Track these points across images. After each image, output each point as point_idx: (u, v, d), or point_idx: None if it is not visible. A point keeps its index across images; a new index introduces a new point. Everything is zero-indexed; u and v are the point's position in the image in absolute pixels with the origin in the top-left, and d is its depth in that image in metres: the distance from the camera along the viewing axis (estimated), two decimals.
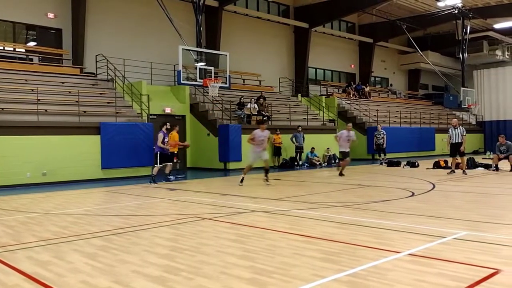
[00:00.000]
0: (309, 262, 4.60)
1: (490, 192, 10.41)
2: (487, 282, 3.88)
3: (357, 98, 29.20)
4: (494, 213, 7.47)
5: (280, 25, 27.17)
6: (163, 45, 20.89)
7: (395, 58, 36.33)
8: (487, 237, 5.61)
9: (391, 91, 35.08)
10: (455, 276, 4.05)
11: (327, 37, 30.06)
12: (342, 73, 32.33)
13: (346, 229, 6.30)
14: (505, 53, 35.62)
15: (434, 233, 5.86)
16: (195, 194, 10.91)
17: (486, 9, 28.50)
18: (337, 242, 5.49)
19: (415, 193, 10.12)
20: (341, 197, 9.83)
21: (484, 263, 4.39)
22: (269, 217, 7.43)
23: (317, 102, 25.23)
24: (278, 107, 22.64)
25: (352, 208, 8.23)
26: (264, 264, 4.54)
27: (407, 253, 4.87)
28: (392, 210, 7.96)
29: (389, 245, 5.24)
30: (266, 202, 9.15)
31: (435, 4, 27.48)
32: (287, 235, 5.93)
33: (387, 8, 28.96)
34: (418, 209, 8.05)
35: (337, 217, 7.18)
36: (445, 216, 7.14)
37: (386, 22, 30.37)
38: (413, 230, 6.11)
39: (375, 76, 34.61)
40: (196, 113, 19.78)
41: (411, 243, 5.31)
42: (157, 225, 6.85)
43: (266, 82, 25.39)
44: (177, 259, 4.81)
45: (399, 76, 37.12)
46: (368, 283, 3.94)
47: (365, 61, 32.59)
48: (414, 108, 32.29)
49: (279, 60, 27.29)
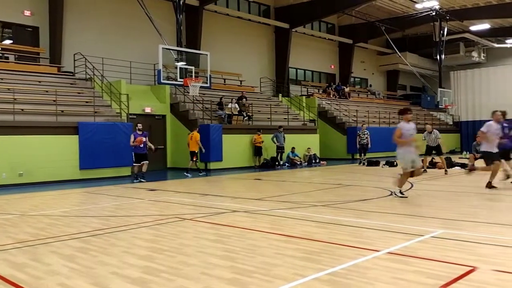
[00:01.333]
0: (289, 261, 4.62)
1: (467, 191, 10.62)
2: (464, 280, 3.96)
3: (337, 98, 29.46)
4: (471, 212, 7.63)
5: (261, 25, 27.21)
6: (143, 44, 20.68)
7: (374, 59, 36.78)
8: (463, 235, 5.72)
9: (370, 91, 35.50)
10: (432, 274, 4.12)
11: (308, 37, 30.24)
12: (322, 74, 32.57)
13: (326, 228, 6.35)
14: (481, 55, 36.44)
15: (412, 231, 5.95)
16: (175, 194, 10.84)
17: (463, 11, 29.09)
18: (317, 241, 5.53)
19: (393, 192, 10.25)
20: (321, 197, 9.89)
21: (460, 261, 4.47)
22: (250, 217, 7.43)
23: (298, 102, 25.35)
24: (259, 107, 22.67)
25: (332, 207, 8.30)
26: (245, 264, 4.54)
27: (386, 251, 4.93)
28: (371, 209, 8.05)
29: (368, 243, 5.30)
30: (246, 202, 9.15)
31: (413, 6, 27.92)
32: (268, 235, 5.94)
33: (367, 9, 29.31)
34: (397, 208, 8.16)
35: (317, 217, 7.23)
36: (423, 215, 7.26)
37: (365, 24, 30.72)
38: (392, 228, 6.20)
39: (355, 77, 34.97)
40: (176, 113, 19.66)
41: (390, 242, 5.38)
42: (137, 226, 6.78)
43: (247, 82, 25.39)
44: (157, 260, 4.77)
45: (378, 76, 37.60)
46: (348, 281, 3.98)
47: (345, 61, 32.90)
48: (393, 109, 32.71)
49: (260, 60, 27.32)
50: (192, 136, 16.18)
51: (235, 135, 19.32)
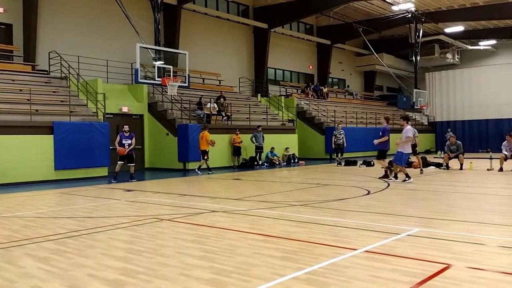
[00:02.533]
0: (268, 261, 4.63)
1: (441, 190, 10.84)
2: (438, 277, 4.04)
3: (315, 98, 29.68)
4: (445, 210, 7.79)
5: (239, 25, 27.19)
6: (120, 42, 20.41)
7: (352, 60, 37.19)
8: (438, 233, 5.84)
9: (348, 92, 35.89)
10: (408, 271, 4.19)
11: (286, 38, 30.37)
12: (301, 74, 32.76)
13: (304, 228, 6.39)
14: (455, 56, 37.23)
15: (389, 230, 6.04)
16: (154, 194, 10.74)
17: (438, 14, 29.67)
18: (296, 240, 5.56)
19: (370, 191, 10.40)
20: (300, 196, 9.95)
21: (436, 259, 4.56)
22: (228, 217, 7.42)
23: (277, 102, 25.44)
24: (238, 107, 22.65)
25: (311, 206, 8.35)
26: (223, 264, 4.53)
27: (363, 250, 5.00)
28: (349, 208, 8.14)
29: (346, 242, 5.36)
30: (225, 202, 9.13)
31: (390, 8, 28.33)
32: (246, 235, 5.94)
33: (344, 10, 29.61)
34: (374, 207, 8.27)
35: (296, 216, 7.27)
36: (399, 214, 7.38)
37: (343, 25, 31.03)
38: (369, 227, 6.27)
39: (333, 77, 35.29)
40: (154, 112, 19.47)
41: (367, 240, 5.45)
42: (114, 227, 6.69)
43: (226, 82, 25.35)
44: (135, 262, 4.71)
45: (355, 77, 38.03)
46: (326, 280, 4.01)
47: (323, 62, 33.17)
48: (370, 109, 33.18)
49: (239, 60, 27.31)
50: (202, 136, 16.85)
51: (214, 135, 19.20)
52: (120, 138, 13.98)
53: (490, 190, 10.92)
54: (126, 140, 14.02)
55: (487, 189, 11.18)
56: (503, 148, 15.85)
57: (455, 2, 27.61)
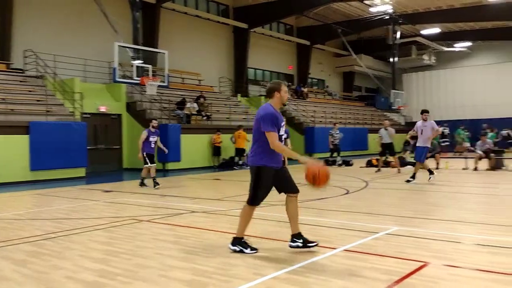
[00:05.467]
0: (249, 261, 4.63)
1: (419, 189, 11.02)
2: (416, 275, 4.11)
3: (295, 98, 29.82)
4: (423, 209, 7.93)
5: (219, 25, 27.11)
6: (98, 41, 20.08)
7: (331, 60, 37.49)
8: (416, 232, 5.94)
9: (327, 92, 36.18)
10: (387, 269, 4.25)
11: (266, 38, 30.42)
12: (281, 74, 32.86)
13: (285, 228, 6.40)
14: (431, 58, 37.90)
15: (368, 229, 6.11)
16: (132, 195, 10.62)
17: (415, 16, 30.15)
18: (276, 240, 5.58)
19: (350, 191, 10.50)
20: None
21: (413, 257, 4.64)
22: (208, 218, 7.39)
23: (257, 102, 25.45)
24: (218, 106, 22.59)
25: None
26: (203, 265, 4.51)
27: (343, 249, 5.04)
28: (329, 207, 8.20)
29: (326, 241, 5.40)
30: (205, 203, 9.09)
31: (368, 9, 28.67)
32: (227, 235, 5.92)
33: (324, 11, 29.83)
34: (353, 206, 8.36)
35: (277, 216, 7.28)
36: (378, 213, 7.47)
37: (322, 26, 31.26)
38: (348, 226, 6.34)
39: (312, 78, 35.50)
40: (133, 112, 19.24)
41: (347, 239, 5.50)
42: (92, 228, 6.59)
43: (206, 82, 25.24)
44: (113, 263, 4.65)
45: (335, 78, 38.35)
46: (306, 279, 4.04)
47: (303, 62, 33.34)
48: (349, 109, 33.51)
49: (219, 60, 27.22)
50: (240, 135, 18.78)
51: (194, 135, 19.16)
52: (148, 135, 11.86)
53: (466, 189, 11.16)
54: (153, 137, 12.00)
55: (463, 188, 11.43)
56: (477, 148, 16.21)
57: (432, 4, 28.09)
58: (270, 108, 4.91)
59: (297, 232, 5.02)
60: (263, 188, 4.99)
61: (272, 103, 4.98)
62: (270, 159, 4.91)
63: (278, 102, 5.00)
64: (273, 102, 4.98)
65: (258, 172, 4.93)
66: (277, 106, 4.99)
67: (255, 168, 4.94)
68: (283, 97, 5.00)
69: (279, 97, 4.98)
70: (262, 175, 4.92)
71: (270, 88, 5.03)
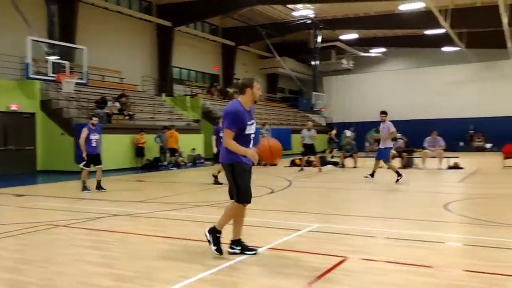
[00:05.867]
0: (173, 264, 4.55)
1: (339, 187, 11.53)
2: (336, 269, 4.29)
3: (221, 99, 29.83)
4: (342, 206, 8.30)
5: (142, 22, 26.33)
6: (9, 35, 18.58)
7: (256, 62, 38.00)
8: (336, 228, 6.20)
9: None
10: (309, 266, 4.39)
11: (191, 37, 30.10)
12: (206, 74, 32.71)
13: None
14: (349, 62, 39.79)
15: (291, 227, 6.27)
16: (48, 199, 9.97)
17: (334, 21, 31.48)
18: (202, 241, 5.53)
19: (274, 190, 10.71)
20: (206, 197, 9.92)
21: (333, 252, 4.83)
22: (131, 221, 7.15)
23: (182, 102, 25.08)
24: (141, 106, 21.95)
25: (218, 207, 8.36)
26: (125, 270, 4.36)
27: (267, 247, 5.13)
28: (253, 207, 8.26)
29: (251, 240, 5.44)
30: (128, 205, 8.78)
31: (291, 13, 29.45)
32: (150, 238, 5.77)
33: (248, 13, 30.14)
34: (277, 205, 8.53)
35: (203, 217, 7.23)
36: (301, 211, 7.70)
37: (247, 27, 31.58)
38: (272, 225, 6.46)
39: (238, 78, 35.73)
40: (48, 110, 18.08)
41: (271, 238, 5.60)
42: (1, 235, 6.09)
43: (128, 80, 24.40)
44: (26, 272, 4.33)
45: (259, 79, 38.69)
46: (232, 279, 4.05)
47: (228, 63, 33.46)
48: (273, 110, 34.21)
49: (141, 58, 26.43)
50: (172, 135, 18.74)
51: (116, 135, 18.41)
52: (89, 133, 10.74)
53: (381, 186, 11.83)
54: (94, 135, 10.88)
55: (379, 185, 12.11)
56: (426, 143, 17.15)
57: (349, 11, 29.48)
58: (237, 105, 4.78)
59: (238, 239, 4.90)
60: (244, 181, 4.81)
61: (243, 99, 4.84)
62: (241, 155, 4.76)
63: (250, 99, 4.87)
64: (244, 98, 4.85)
65: (233, 169, 4.77)
66: (248, 103, 4.86)
67: (229, 165, 4.80)
68: (255, 94, 4.87)
69: (251, 94, 4.84)
70: (238, 170, 4.76)
71: (242, 84, 4.89)
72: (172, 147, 19.07)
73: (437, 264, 4.43)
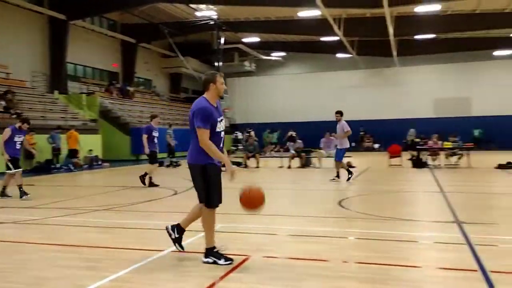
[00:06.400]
0: (67, 272, 4.27)
1: (240, 187, 11.71)
2: (239, 268, 4.36)
3: (120, 98, 28.66)
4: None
5: (32, 13, 24.29)
6: None
7: (158, 60, 37.15)
8: (239, 227, 6.30)
9: (154, 92, 35.74)
10: (212, 266, 4.40)
11: (89, 32, 28.47)
12: (104, 71, 31.18)
13: (109, 233, 6.10)
14: (251, 65, 40.66)
15: (194, 228, 6.18)
16: None
17: (236, 24, 31.93)
18: (99, 247, 5.26)
19: (177, 191, 10.57)
20: (104, 200, 9.45)
21: (236, 252, 4.89)
22: (19, 229, 6.57)
23: (77, 101, 23.63)
24: (31, 104, 20.27)
25: (116, 210, 8.03)
26: (13, 282, 4.00)
27: (170, 250, 5.04)
28: (156, 209, 8.11)
29: (153, 244, 5.32)
30: (15, 212, 8.04)
31: (194, 13, 29.29)
32: (41, 247, 5.36)
33: (150, 10, 29.36)
34: (180, 206, 8.41)
35: (100, 222, 6.89)
36: None
37: (149, 25, 30.74)
38: None
39: (139, 77, 34.64)
40: None
41: None
42: None
43: (16, 75, 22.35)
44: None
45: (162, 78, 38.12)
46: (131, 285, 3.92)
47: (129, 61, 32.23)
48: (177, 110, 33.73)
49: (32, 52, 24.37)
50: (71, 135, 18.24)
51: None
52: (12, 134, 9.70)
53: (281, 185, 12.29)
54: (19, 136, 9.89)
55: (279, 184, 12.56)
56: (321, 144, 17.93)
57: (251, 14, 30.12)
58: (204, 102, 4.55)
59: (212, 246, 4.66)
60: (214, 185, 4.60)
61: (208, 96, 4.62)
62: None
63: (215, 94, 4.65)
64: (208, 95, 4.63)
65: (203, 171, 4.53)
66: (213, 99, 4.64)
67: (199, 167, 4.54)
68: (219, 88, 4.65)
69: (215, 89, 4.62)
70: (209, 172, 4.53)
71: (205, 80, 4.66)
72: (73, 148, 18.11)
73: (332, 257, 4.71)
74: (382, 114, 34.35)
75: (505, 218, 6.99)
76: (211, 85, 4.61)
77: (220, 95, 4.70)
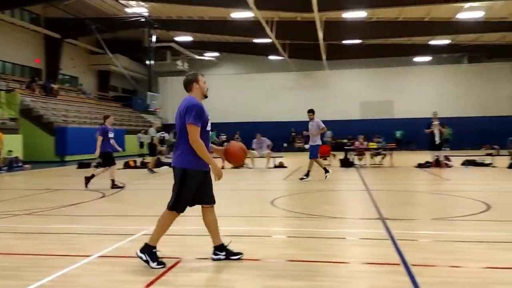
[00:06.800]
0: None
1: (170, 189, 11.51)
2: (171, 271, 4.30)
3: (43, 95, 27.06)
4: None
5: None
6: None
7: (86, 57, 35.54)
8: (172, 229, 6.15)
9: (81, 90, 34.15)
10: (145, 271, 4.30)
11: (8, 25, 26.59)
12: (26, 68, 29.28)
13: (30, 239, 5.74)
14: (184, 64, 40.16)
15: (124, 231, 6.03)
16: None
17: (168, 22, 31.40)
18: (18, 255, 4.94)
19: (106, 194, 10.17)
20: (25, 204, 8.86)
21: (169, 254, 4.80)
22: None
23: None
24: None
25: (39, 215, 7.57)
26: None
27: (97, 255, 4.84)
28: (82, 213, 7.75)
29: (79, 250, 5.08)
30: None
31: (123, 9, 28.39)
32: None
33: (76, 5, 28.00)
34: (109, 209, 8.13)
35: (20, 227, 6.46)
36: (134, 214, 7.47)
37: (75, 19, 29.31)
38: (104, 231, 6.13)
39: (64, 74, 32.93)
40: None
41: (101, 245, 5.30)
42: None
43: None
44: None
45: (89, 76, 36.51)
46: None
47: (53, 57, 30.50)
48: (105, 109, 32.44)
49: None
50: None
51: None
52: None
53: (214, 187, 12.21)
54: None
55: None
56: (253, 145, 18.07)
57: (183, 13, 29.75)
58: (196, 100, 4.38)
59: (220, 244, 4.59)
60: (187, 193, 4.37)
61: (193, 96, 4.46)
62: (198, 160, 4.31)
63: (200, 94, 4.49)
64: (193, 95, 4.47)
65: (183, 176, 4.30)
66: (199, 99, 4.46)
67: (181, 170, 4.31)
68: (202, 88, 4.50)
69: (198, 88, 4.48)
70: (188, 178, 4.31)
71: (187, 80, 4.52)
72: None
73: (264, 256, 4.78)
74: None
75: (424, 214, 7.48)
76: (194, 85, 4.56)
77: (205, 94, 4.62)
